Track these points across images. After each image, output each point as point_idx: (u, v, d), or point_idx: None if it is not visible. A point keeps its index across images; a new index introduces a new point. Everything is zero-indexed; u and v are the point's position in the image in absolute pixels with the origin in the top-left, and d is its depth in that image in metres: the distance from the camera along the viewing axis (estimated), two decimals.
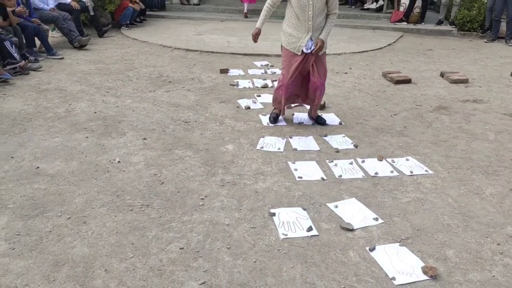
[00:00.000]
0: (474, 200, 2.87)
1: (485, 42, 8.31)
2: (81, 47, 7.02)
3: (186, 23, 9.76)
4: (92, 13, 7.89)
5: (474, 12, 8.67)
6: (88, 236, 2.41)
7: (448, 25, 9.26)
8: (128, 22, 8.88)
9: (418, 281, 2.13)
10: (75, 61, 6.32)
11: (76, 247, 2.32)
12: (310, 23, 3.62)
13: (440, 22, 9.33)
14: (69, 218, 2.57)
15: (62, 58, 6.37)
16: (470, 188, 3.03)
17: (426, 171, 3.26)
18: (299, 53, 3.72)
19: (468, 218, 2.67)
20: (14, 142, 3.58)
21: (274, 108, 4.18)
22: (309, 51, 3.70)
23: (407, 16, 9.35)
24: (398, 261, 2.26)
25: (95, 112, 4.30)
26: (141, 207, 2.70)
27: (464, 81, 5.59)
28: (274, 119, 4.13)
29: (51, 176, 3.05)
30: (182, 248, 2.33)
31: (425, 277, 2.15)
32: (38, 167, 3.16)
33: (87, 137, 3.72)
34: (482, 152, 3.59)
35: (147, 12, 10.03)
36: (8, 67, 5.25)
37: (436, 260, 2.28)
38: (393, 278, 2.14)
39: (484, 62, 6.80)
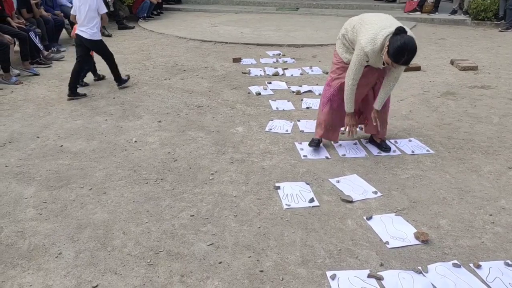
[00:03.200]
0: (471, 177, 3.00)
1: (499, 31, 8.26)
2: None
3: (201, 15, 9.97)
4: (112, 9, 8.18)
5: (488, 1, 8.62)
6: (108, 204, 2.64)
7: (462, 14, 9.23)
8: (145, 15, 9.14)
9: (410, 245, 2.29)
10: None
11: (97, 213, 2.55)
12: None
13: (454, 12, 9.30)
14: (91, 189, 2.81)
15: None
16: (469, 166, 3.15)
17: (427, 150, 3.39)
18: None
19: (464, 192, 2.80)
20: (39, 124, 3.85)
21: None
22: None
23: (421, 6, 9.36)
24: (393, 228, 2.42)
25: (113, 98, 4.55)
26: (155, 181, 2.92)
27: (474, 68, 5.65)
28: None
29: (74, 153, 3.30)
30: (193, 215, 2.54)
31: (417, 242, 2.30)
32: (62, 146, 3.41)
33: (106, 119, 3.96)
34: (485, 134, 3.70)
35: (164, 5, 10.28)
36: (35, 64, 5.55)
37: (429, 228, 2.44)
38: (387, 242, 2.30)
39: (496, 50, 6.80)
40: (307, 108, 4.32)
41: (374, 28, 2.79)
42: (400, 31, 2.65)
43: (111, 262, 2.14)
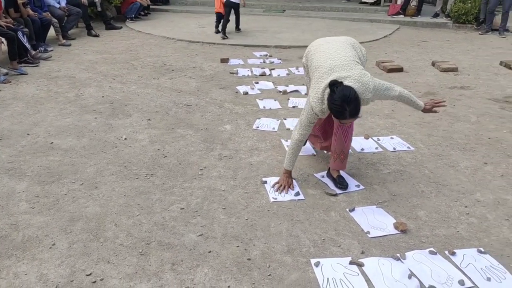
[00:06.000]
0: (448, 172, 3.15)
1: (480, 34, 8.52)
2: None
3: (189, 16, 10.04)
4: (99, 9, 8.21)
5: (469, 5, 8.89)
6: (100, 198, 2.72)
7: (444, 17, 9.49)
8: (133, 15, 9.18)
9: (389, 235, 2.41)
10: (82, 52, 6.63)
11: (89, 207, 2.62)
12: None
13: (436, 15, 9.56)
14: (82, 184, 2.88)
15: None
16: (447, 162, 3.30)
17: (408, 147, 3.54)
18: None
19: (441, 186, 2.95)
20: (29, 121, 3.89)
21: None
22: None
23: (404, 9, 9.59)
24: (374, 219, 2.54)
25: (102, 97, 4.60)
26: (146, 176, 3.00)
27: (454, 70, 5.85)
28: None
29: (64, 150, 3.36)
30: (183, 208, 2.63)
31: (396, 232, 2.43)
32: (52, 143, 3.47)
33: (96, 117, 4.02)
34: (463, 132, 3.86)
35: (151, 6, 10.32)
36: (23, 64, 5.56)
37: (408, 218, 2.57)
38: (368, 232, 2.43)
39: (476, 52, 7.04)
40: (293, 107, 4.44)
41: (320, 86, 2.46)
42: (331, 86, 2.33)
43: (104, 252, 2.22)
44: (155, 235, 2.37)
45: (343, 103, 2.28)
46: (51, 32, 6.98)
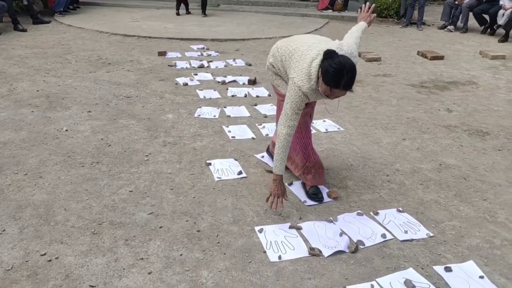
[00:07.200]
0: (373, 147, 3.53)
1: (400, 27, 9.27)
2: None
3: (122, 10, 9.86)
4: (25, 2, 7.85)
5: (390, 0, 9.62)
6: (46, 186, 2.74)
7: None
8: (62, 9, 8.85)
9: (324, 202, 2.70)
10: (10, 46, 6.34)
11: (36, 195, 2.65)
12: None
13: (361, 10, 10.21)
14: (26, 174, 2.88)
15: None
16: (372, 139, 3.69)
17: (338, 128, 3.89)
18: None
19: (367, 159, 3.31)
20: None
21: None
22: None
23: (332, 4, 10.15)
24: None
25: (37, 91, 4.50)
26: (91, 164, 3.06)
27: (377, 60, 6.38)
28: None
29: (2, 143, 3.30)
30: (131, 191, 2.74)
31: (329, 199, 2.73)
32: None
33: (32, 111, 3.95)
34: (385, 114, 4.30)
35: (81, 0, 9.99)
36: None
37: (339, 188, 2.88)
38: (305, 202, 2.70)
39: (396, 44, 7.68)
40: (233, 96, 4.64)
41: (305, 61, 2.30)
42: (329, 54, 2.19)
43: (56, 234, 2.29)
44: (106, 216, 2.47)
45: (343, 69, 2.11)
46: None
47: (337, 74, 2.12)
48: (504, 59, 6.59)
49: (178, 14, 9.54)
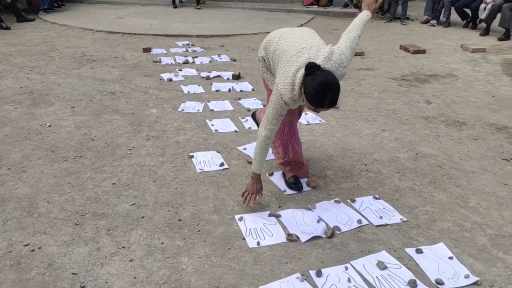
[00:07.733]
0: (353, 139, 3.61)
1: (384, 22, 9.38)
2: None
3: (106, 7, 9.84)
4: (9, 0, 7.79)
5: None
6: (29, 180, 2.78)
7: (353, 7, 10.27)
8: (46, 7, 8.80)
9: (303, 192, 2.78)
10: None
11: (19, 188, 2.68)
12: None
13: (346, 5, 10.32)
14: (9, 169, 2.91)
15: None
16: (352, 131, 3.78)
17: (320, 121, 3.96)
18: None
19: (347, 150, 3.39)
20: None
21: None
22: None
23: (317, 0, 10.22)
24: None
25: (21, 87, 4.51)
26: (74, 158, 3.10)
27: (361, 54, 6.47)
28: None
29: None
30: (114, 183, 2.79)
31: (308, 188, 2.81)
32: None
33: (16, 108, 3.97)
34: (366, 106, 4.39)
35: None
36: None
37: (318, 177, 2.96)
38: (284, 191, 2.78)
39: (380, 38, 7.79)
40: (217, 91, 4.70)
41: (291, 69, 2.22)
42: (310, 69, 2.09)
43: (39, 226, 2.33)
44: (88, 208, 2.51)
45: (325, 90, 2.06)
46: None
47: (318, 95, 2.08)
48: (484, 52, 6.73)
49: (175, 7, 10.05)
